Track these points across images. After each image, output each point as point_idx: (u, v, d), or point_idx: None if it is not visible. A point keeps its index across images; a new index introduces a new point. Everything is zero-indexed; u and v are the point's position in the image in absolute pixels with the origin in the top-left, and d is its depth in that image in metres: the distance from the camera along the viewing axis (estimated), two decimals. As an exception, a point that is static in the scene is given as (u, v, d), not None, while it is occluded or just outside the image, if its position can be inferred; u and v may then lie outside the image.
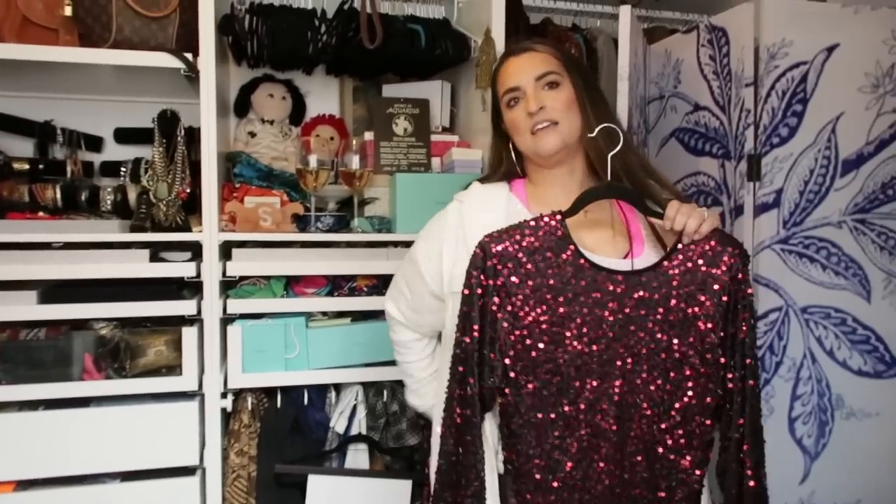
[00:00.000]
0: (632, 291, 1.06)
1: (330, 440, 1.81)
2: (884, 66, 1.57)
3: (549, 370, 1.06)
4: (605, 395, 1.06)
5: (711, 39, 1.62)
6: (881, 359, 1.60)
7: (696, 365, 1.06)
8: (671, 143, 1.79)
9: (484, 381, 1.06)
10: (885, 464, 1.62)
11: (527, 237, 1.07)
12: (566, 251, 1.07)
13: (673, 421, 1.07)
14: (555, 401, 1.06)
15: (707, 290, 1.06)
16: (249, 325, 1.76)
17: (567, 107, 1.18)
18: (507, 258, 1.06)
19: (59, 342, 1.66)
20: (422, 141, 1.99)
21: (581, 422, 1.07)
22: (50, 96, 2.02)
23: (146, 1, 1.68)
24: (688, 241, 1.07)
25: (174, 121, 1.82)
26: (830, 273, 1.57)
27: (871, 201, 1.58)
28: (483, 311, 1.06)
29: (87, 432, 1.64)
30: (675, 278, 1.06)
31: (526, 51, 1.22)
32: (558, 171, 1.22)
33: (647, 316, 1.06)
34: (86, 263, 1.65)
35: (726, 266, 1.05)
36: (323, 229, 1.82)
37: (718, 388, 1.06)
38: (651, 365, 1.06)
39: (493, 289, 1.06)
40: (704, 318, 1.06)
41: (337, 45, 1.91)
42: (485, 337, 1.06)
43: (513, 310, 1.06)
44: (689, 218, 1.06)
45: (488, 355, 1.06)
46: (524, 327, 1.06)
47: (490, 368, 1.06)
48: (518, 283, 1.06)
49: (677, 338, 1.06)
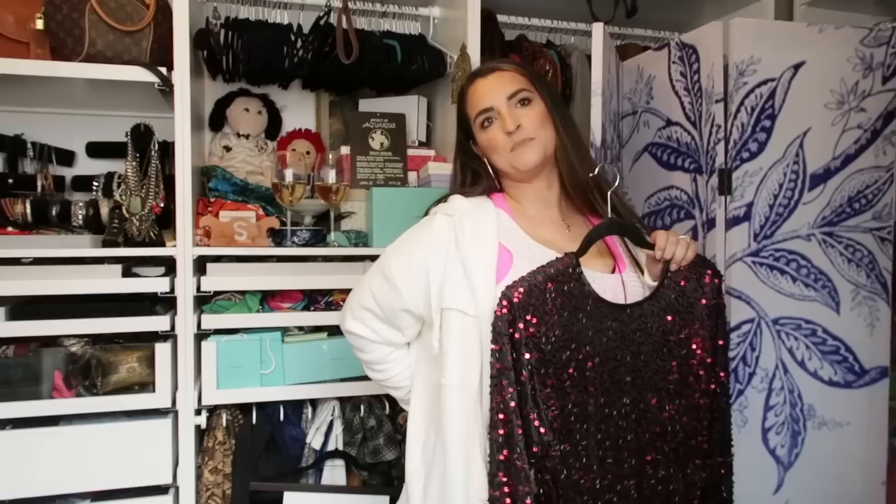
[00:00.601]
0: (637, 323, 1.11)
1: (306, 456, 1.80)
2: (848, 83, 1.61)
3: (580, 414, 1.06)
4: (626, 427, 1.10)
5: (682, 56, 1.66)
6: (851, 369, 1.63)
7: (692, 384, 1.13)
8: (644, 158, 1.81)
9: (532, 441, 1.02)
10: (857, 473, 1.64)
11: (547, 282, 1.06)
12: (583, 292, 1.09)
13: (678, 439, 1.13)
14: (587, 444, 1.07)
15: (696, 312, 1.13)
16: (224, 340, 1.74)
17: (541, 122, 1.20)
18: (532, 307, 1.04)
19: (29, 359, 1.63)
20: (398, 155, 2.00)
21: (609, 458, 1.09)
22: (20, 110, 2.00)
23: (120, 15, 1.67)
24: (675, 268, 1.14)
25: (148, 135, 1.81)
26: (800, 285, 1.60)
27: (839, 214, 1.61)
28: (518, 366, 1.02)
29: (57, 452, 1.60)
30: (669, 304, 1.13)
31: (493, 71, 1.24)
32: (537, 185, 1.23)
33: (650, 345, 1.12)
34: (57, 279, 1.62)
35: (709, 287, 1.14)
36: (299, 243, 1.81)
37: (713, 403, 1.14)
38: (658, 391, 1.12)
39: (524, 342, 1.03)
40: (696, 339, 1.13)
41: (313, 61, 1.92)
42: (525, 393, 1.02)
43: (542, 358, 1.04)
44: (677, 247, 1.13)
45: (531, 411, 1.02)
46: (555, 375, 1.05)
47: (536, 426, 1.02)
48: (546, 331, 1.05)
49: (675, 360, 1.13)
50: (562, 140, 1.21)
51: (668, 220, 1.73)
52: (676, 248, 1.13)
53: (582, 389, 1.07)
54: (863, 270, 1.63)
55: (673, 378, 1.12)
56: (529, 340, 1.03)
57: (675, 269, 1.14)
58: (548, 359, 1.04)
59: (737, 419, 1.56)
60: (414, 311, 1.20)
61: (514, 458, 1.01)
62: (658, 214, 1.77)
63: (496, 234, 1.15)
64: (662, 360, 1.12)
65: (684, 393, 1.13)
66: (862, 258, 1.63)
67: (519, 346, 1.03)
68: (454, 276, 1.13)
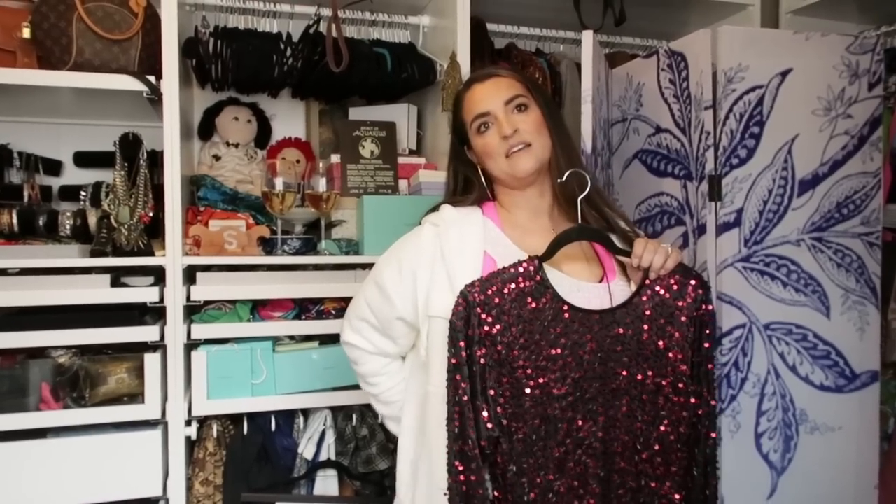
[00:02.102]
0: (607, 330, 1.10)
1: (298, 467, 1.78)
2: (835, 90, 1.62)
3: (538, 414, 1.07)
4: (590, 433, 1.09)
5: (671, 64, 1.67)
6: (841, 373, 1.63)
7: (669, 395, 1.11)
8: (634, 165, 1.82)
9: (481, 435, 1.05)
10: (849, 477, 1.64)
11: (507, 284, 1.08)
12: (545, 295, 1.09)
13: (652, 450, 1.11)
14: (544, 444, 1.08)
15: (675, 322, 1.11)
16: (214, 350, 1.72)
17: (537, 128, 1.20)
18: (489, 306, 1.06)
19: (15, 371, 1.61)
20: (389, 163, 2.00)
21: (570, 462, 1.08)
22: (7, 119, 1.98)
23: (108, 23, 1.66)
24: (654, 276, 1.13)
25: (136, 144, 1.80)
26: (791, 290, 1.60)
27: (828, 220, 1.62)
28: (470, 362, 1.06)
29: (44, 465, 1.58)
30: (645, 313, 1.11)
31: (490, 76, 1.24)
32: (530, 192, 1.24)
33: (623, 352, 1.11)
34: (44, 289, 1.61)
35: (692, 298, 1.12)
36: (290, 252, 1.81)
37: (692, 415, 1.11)
38: (630, 399, 1.11)
39: (478, 339, 1.06)
40: (675, 349, 1.11)
41: (302, 69, 1.92)
42: (476, 388, 1.06)
43: (499, 358, 1.07)
44: (655, 255, 1.12)
45: (481, 406, 1.06)
46: (510, 374, 1.07)
47: (485, 420, 1.06)
48: (501, 331, 1.07)
49: (651, 370, 1.11)
50: (556, 148, 1.21)
51: (659, 227, 1.74)
52: (655, 256, 1.12)
53: (541, 392, 1.07)
54: (852, 275, 1.64)
55: (647, 388, 1.11)
56: (485, 338, 1.06)
57: (654, 278, 1.13)
58: (504, 359, 1.07)
59: (729, 424, 1.56)
60: (406, 319, 1.21)
61: (467, 449, 1.05)
62: (649, 221, 1.77)
63: (482, 244, 1.16)
64: (636, 369, 1.11)
65: (659, 404, 1.11)
66: (851, 263, 1.64)
67: (471, 342, 1.05)
68: (440, 285, 1.14)
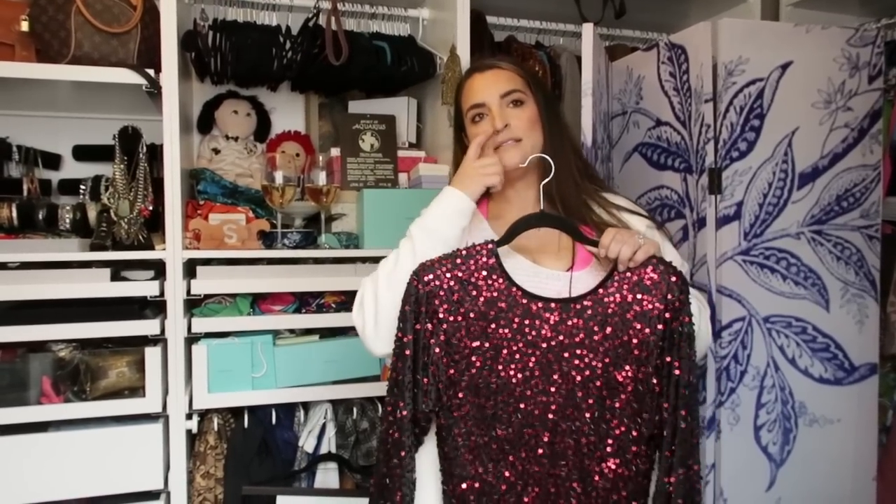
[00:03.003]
0: (566, 319, 1.07)
1: (299, 460, 1.79)
2: (835, 82, 1.62)
3: (483, 394, 1.07)
4: (539, 420, 1.07)
5: (671, 57, 1.66)
6: (840, 366, 1.64)
7: (630, 393, 1.06)
8: (634, 158, 1.82)
9: (418, 406, 1.07)
10: (847, 469, 1.65)
11: (459, 266, 1.09)
12: (498, 280, 1.08)
13: (609, 450, 1.06)
14: (488, 425, 1.08)
15: (643, 318, 1.05)
16: (215, 344, 1.73)
17: (531, 125, 1.20)
18: (439, 287, 1.08)
19: (16, 365, 1.61)
20: (388, 157, 2.00)
21: (515, 446, 1.07)
22: (5, 113, 1.97)
23: (106, 16, 1.65)
24: (623, 268, 1.07)
25: (136, 137, 1.80)
26: (790, 283, 1.60)
27: (827, 213, 1.62)
28: (416, 336, 1.07)
29: (45, 458, 1.58)
30: (610, 306, 1.07)
31: (491, 68, 1.24)
32: (518, 184, 1.25)
33: (583, 343, 1.06)
34: (44, 283, 1.61)
35: (662, 294, 1.05)
36: (290, 246, 1.80)
37: (654, 417, 1.05)
38: (586, 392, 1.06)
39: (425, 315, 1.07)
40: (640, 347, 1.05)
41: (302, 62, 1.91)
42: (418, 362, 1.07)
43: (445, 337, 1.08)
44: (623, 245, 1.06)
45: (421, 380, 1.07)
46: (456, 353, 1.08)
47: (423, 393, 1.07)
48: (449, 310, 1.08)
49: (612, 366, 1.06)
50: (547, 146, 1.21)
51: (659, 220, 1.73)
52: (622, 246, 1.05)
53: (487, 374, 1.07)
54: (851, 268, 1.64)
55: (608, 382, 1.05)
56: (432, 317, 1.07)
57: (622, 269, 1.07)
58: (450, 338, 1.08)
59: (728, 417, 1.56)
60: None
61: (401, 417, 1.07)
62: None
63: (462, 235, 1.18)
64: (596, 362, 1.06)
65: (620, 400, 1.06)
66: (850, 256, 1.64)
67: (419, 318, 1.07)
68: None
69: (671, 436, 1.03)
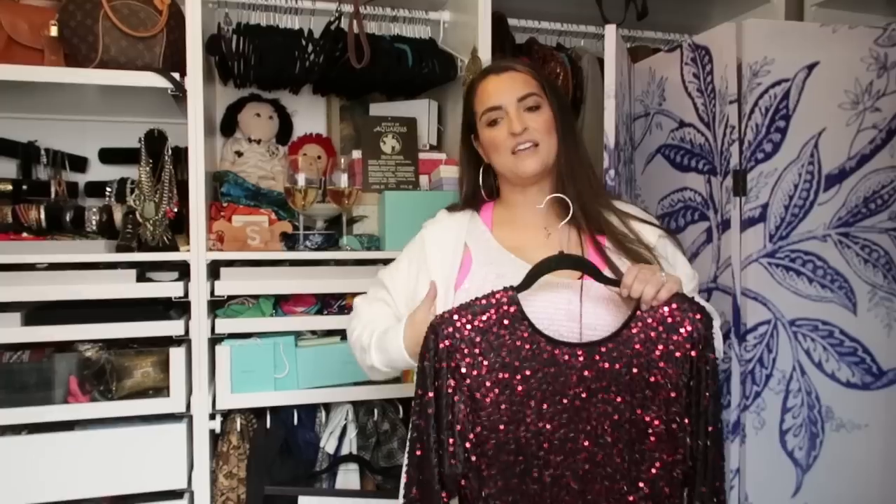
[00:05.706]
0: (592, 363, 1.03)
1: (320, 460, 1.79)
2: (863, 83, 1.60)
3: (512, 451, 1.03)
4: (570, 469, 1.03)
5: (695, 58, 1.65)
6: (868, 370, 1.61)
7: (661, 434, 1.03)
8: (657, 160, 1.81)
9: (443, 468, 1.01)
10: (875, 475, 1.62)
11: (478, 316, 1.03)
12: (520, 328, 1.04)
13: (641, 493, 1.03)
14: (519, 481, 1.03)
15: (668, 358, 1.02)
16: (238, 344, 1.74)
17: (547, 130, 1.19)
18: (459, 340, 1.03)
19: (44, 365, 1.64)
20: (410, 159, 2.00)
21: (546, 499, 1.04)
22: (34, 117, 2.01)
23: (133, 21, 1.68)
24: (646, 307, 1.04)
25: (161, 140, 1.82)
26: (817, 286, 1.58)
27: (855, 215, 1.60)
28: (438, 394, 1.02)
29: (71, 456, 1.61)
30: (635, 346, 1.03)
31: (507, 70, 1.23)
32: (530, 190, 1.23)
33: (609, 387, 1.03)
34: (71, 284, 1.63)
35: (687, 332, 1.02)
36: (311, 248, 1.81)
37: (687, 456, 1.03)
38: (616, 436, 1.03)
39: (446, 371, 1.02)
40: (667, 386, 1.02)
41: (324, 65, 1.92)
42: (442, 421, 1.02)
43: (469, 392, 1.02)
44: (646, 285, 1.02)
45: (447, 441, 1.01)
46: (482, 409, 1.02)
47: (450, 454, 1.02)
48: (472, 364, 1.02)
49: (640, 407, 1.03)
50: (561, 152, 1.20)
51: (682, 222, 1.72)
52: (646, 286, 1.02)
53: (516, 427, 1.02)
54: (879, 271, 1.62)
55: (637, 426, 1.03)
56: (454, 371, 1.02)
57: (645, 309, 1.04)
58: (473, 393, 1.02)
59: (754, 421, 1.55)
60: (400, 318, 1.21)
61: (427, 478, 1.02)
62: (672, 216, 1.76)
63: (461, 239, 1.19)
64: (624, 406, 1.03)
65: (650, 444, 1.03)
66: (878, 259, 1.61)
67: (440, 375, 1.02)
68: (421, 288, 1.18)
69: (702, 473, 1.02)
